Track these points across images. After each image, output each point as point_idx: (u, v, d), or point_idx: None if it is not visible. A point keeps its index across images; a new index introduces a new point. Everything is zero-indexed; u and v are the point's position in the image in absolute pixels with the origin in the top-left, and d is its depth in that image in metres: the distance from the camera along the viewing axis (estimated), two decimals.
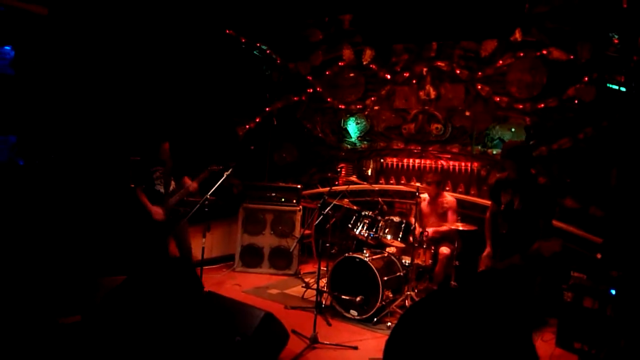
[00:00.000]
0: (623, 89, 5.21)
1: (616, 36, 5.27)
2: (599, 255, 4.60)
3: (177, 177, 5.21)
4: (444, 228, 5.29)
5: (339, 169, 7.36)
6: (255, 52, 7.55)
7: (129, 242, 5.26)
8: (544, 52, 5.76)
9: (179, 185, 5.19)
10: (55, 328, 3.71)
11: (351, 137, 7.39)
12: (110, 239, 5.43)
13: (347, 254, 4.86)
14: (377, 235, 5.13)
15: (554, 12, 5.68)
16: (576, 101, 5.61)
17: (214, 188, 4.90)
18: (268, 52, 7.54)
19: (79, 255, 5.03)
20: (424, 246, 5.17)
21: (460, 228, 5.01)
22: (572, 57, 5.59)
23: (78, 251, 5.07)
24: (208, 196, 4.84)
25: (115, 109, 5.93)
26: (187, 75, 6.74)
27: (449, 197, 5.57)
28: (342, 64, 7.24)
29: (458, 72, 6.39)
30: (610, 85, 5.34)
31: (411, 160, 6.86)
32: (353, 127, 7.35)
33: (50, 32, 5.28)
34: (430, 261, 5.26)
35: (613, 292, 3.92)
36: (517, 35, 5.89)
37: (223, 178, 4.93)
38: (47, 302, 3.96)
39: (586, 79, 5.51)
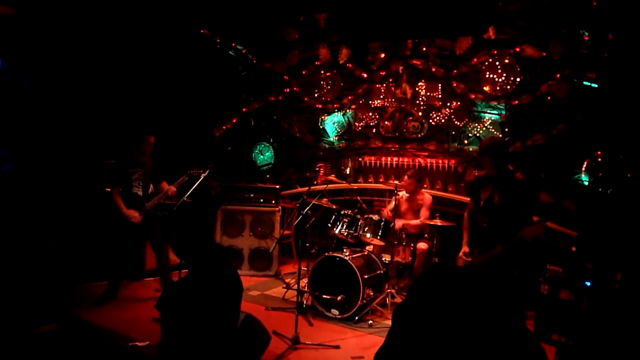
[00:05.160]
0: (594, 85, 5.32)
1: (587, 33, 5.39)
2: (573, 248, 4.70)
3: (155, 181, 5.11)
4: (414, 222, 5.33)
5: (317, 169, 7.33)
6: (230, 52, 7.47)
7: (105, 247, 5.14)
8: (517, 49, 5.85)
9: (157, 189, 5.08)
10: (29, 338, 3.61)
11: (329, 137, 7.38)
12: (85, 245, 5.30)
13: (327, 254, 4.83)
14: (356, 234, 5.13)
15: (525, 10, 5.77)
16: (549, 97, 5.71)
17: (191, 190, 4.82)
18: (244, 52, 7.45)
19: (53, 262, 4.89)
20: (403, 243, 5.20)
21: (439, 224, 5.05)
22: (544, 54, 5.70)
23: (52, 257, 4.93)
24: (185, 199, 4.76)
25: (87, 113, 5.80)
26: (162, 77, 6.63)
27: (425, 195, 5.63)
28: (319, 63, 7.21)
29: (434, 70, 6.44)
30: (583, 82, 5.44)
31: (389, 159, 6.90)
32: (330, 127, 7.34)
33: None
34: (409, 258, 5.28)
35: (588, 283, 4.00)
36: (491, 33, 5.96)
37: (200, 180, 4.84)
38: (21, 311, 3.83)
39: (558, 75, 5.61)
